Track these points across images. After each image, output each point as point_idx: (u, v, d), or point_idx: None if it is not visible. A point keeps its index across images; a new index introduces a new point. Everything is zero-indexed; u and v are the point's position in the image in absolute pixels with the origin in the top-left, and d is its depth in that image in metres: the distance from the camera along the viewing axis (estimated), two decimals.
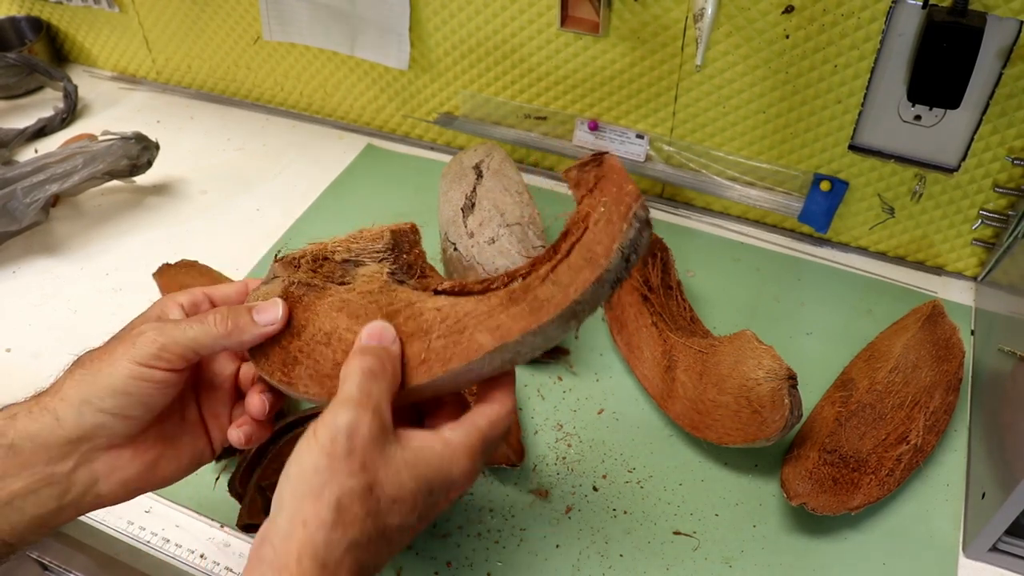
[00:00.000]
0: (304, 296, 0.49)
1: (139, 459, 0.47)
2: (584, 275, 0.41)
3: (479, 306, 0.44)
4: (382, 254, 0.49)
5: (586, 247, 0.42)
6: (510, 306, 0.43)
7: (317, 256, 0.49)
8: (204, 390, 0.51)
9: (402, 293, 0.48)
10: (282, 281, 0.49)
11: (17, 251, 0.90)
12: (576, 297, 0.41)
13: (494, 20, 0.89)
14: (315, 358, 0.46)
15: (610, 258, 0.40)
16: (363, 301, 0.48)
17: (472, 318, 0.44)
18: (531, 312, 0.42)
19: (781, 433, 0.60)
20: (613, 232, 0.41)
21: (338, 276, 0.49)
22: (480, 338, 0.42)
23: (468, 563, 0.61)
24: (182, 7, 1.07)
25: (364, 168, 1.02)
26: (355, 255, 0.49)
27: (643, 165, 0.92)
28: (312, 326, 0.47)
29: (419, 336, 0.45)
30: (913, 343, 0.69)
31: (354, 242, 0.49)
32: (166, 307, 0.49)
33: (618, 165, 0.44)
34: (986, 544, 0.60)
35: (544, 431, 0.70)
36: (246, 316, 0.47)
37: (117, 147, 0.91)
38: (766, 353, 0.64)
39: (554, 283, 0.42)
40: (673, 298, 0.78)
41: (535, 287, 0.43)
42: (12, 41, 1.18)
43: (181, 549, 0.63)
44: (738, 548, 0.62)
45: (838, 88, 0.77)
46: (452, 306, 0.45)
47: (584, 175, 0.46)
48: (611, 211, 0.42)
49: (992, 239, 0.81)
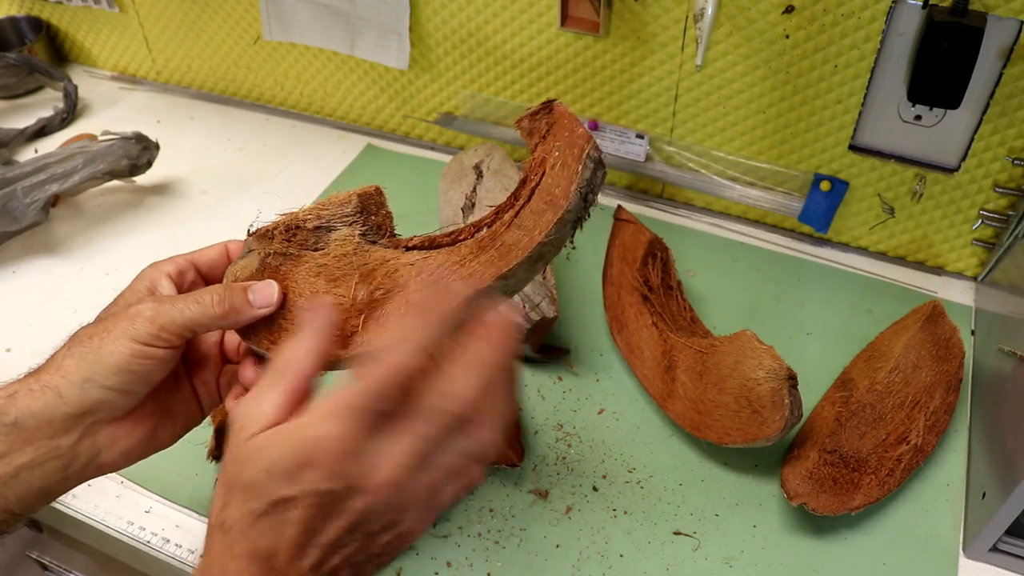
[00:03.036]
0: (281, 266, 0.50)
1: (139, 429, 0.49)
2: (547, 217, 0.44)
3: (450, 257, 0.46)
4: (351, 218, 0.51)
5: (546, 191, 0.45)
6: (480, 254, 0.46)
7: (289, 226, 0.51)
8: (192, 358, 0.53)
9: (375, 252, 0.49)
10: (258, 254, 0.51)
11: (17, 251, 0.90)
12: (541, 239, 0.44)
13: (494, 20, 0.89)
14: (300, 324, 0.47)
15: (569, 199, 0.44)
16: (339, 264, 0.49)
17: (445, 269, 0.46)
18: (500, 257, 0.45)
19: (781, 433, 0.60)
20: (570, 174, 0.44)
21: (311, 243, 0.51)
22: (455, 287, 0.44)
23: (468, 563, 0.61)
24: (182, 7, 1.07)
25: (364, 168, 1.02)
26: (326, 221, 0.51)
27: (643, 165, 0.92)
28: (292, 293, 0.49)
29: (396, 292, 0.47)
30: (913, 343, 0.69)
31: (323, 209, 0.51)
32: (155, 279, 0.50)
33: (567, 111, 0.47)
34: (986, 544, 0.60)
35: (544, 431, 0.70)
36: (242, 297, 0.48)
37: (117, 147, 0.91)
38: (766, 353, 0.64)
39: (519, 227, 0.45)
40: (673, 298, 0.78)
41: (501, 233, 0.46)
42: (12, 41, 1.18)
43: (181, 549, 0.63)
44: (738, 548, 0.62)
45: (838, 88, 0.77)
46: (424, 260, 0.47)
47: (536, 123, 0.49)
48: (566, 154, 0.45)
49: (992, 239, 0.81)
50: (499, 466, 0.66)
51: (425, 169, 1.00)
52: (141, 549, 0.63)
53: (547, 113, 0.49)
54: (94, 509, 0.66)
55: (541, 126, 0.49)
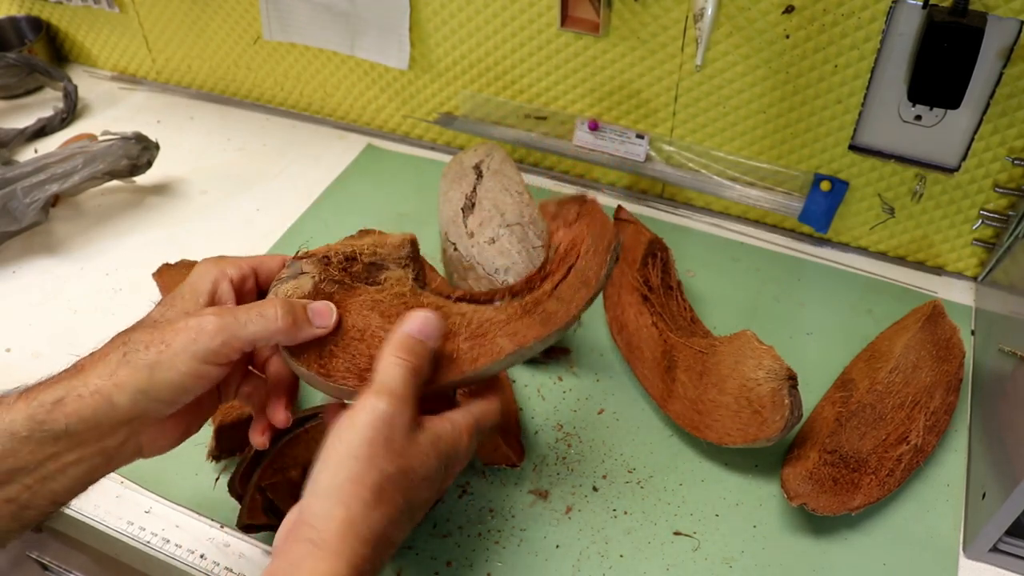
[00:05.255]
0: (335, 293, 0.52)
1: (177, 428, 0.51)
2: (581, 294, 0.53)
3: (498, 315, 0.53)
4: (405, 260, 0.55)
5: (581, 272, 0.54)
6: (524, 316, 0.52)
7: (349, 255, 0.53)
8: None
9: (427, 298, 0.54)
10: (311, 277, 0.52)
11: (17, 251, 0.90)
12: (576, 312, 0.52)
13: (494, 20, 0.89)
14: (351, 353, 0.50)
15: (599, 281, 0.53)
16: (395, 302, 0.52)
17: (493, 324, 0.52)
18: (542, 323, 0.52)
19: (781, 433, 0.60)
20: (600, 261, 0.54)
21: (364, 277, 0.53)
22: (501, 342, 0.51)
23: (468, 563, 0.61)
24: (182, 7, 1.07)
25: (364, 168, 1.02)
26: (381, 259, 0.54)
27: (643, 165, 0.92)
28: (346, 322, 0.51)
29: (449, 337, 0.51)
30: (913, 343, 0.69)
31: (379, 247, 0.54)
32: (217, 282, 0.50)
33: (599, 205, 0.57)
34: (986, 544, 0.60)
35: (544, 431, 0.70)
36: (302, 313, 0.49)
37: (117, 147, 0.91)
38: (766, 353, 0.64)
39: (559, 299, 0.53)
40: (673, 298, 0.78)
41: (543, 301, 0.53)
42: (12, 41, 1.18)
43: (181, 549, 0.63)
44: (738, 548, 0.62)
45: (838, 88, 0.77)
46: (474, 312, 0.53)
47: (564, 210, 0.57)
48: (598, 244, 0.54)
49: (992, 239, 0.81)
50: (499, 466, 0.66)
51: (425, 169, 1.00)
52: (141, 549, 0.63)
53: (579, 204, 0.57)
54: (94, 509, 0.66)
55: (570, 214, 0.57)
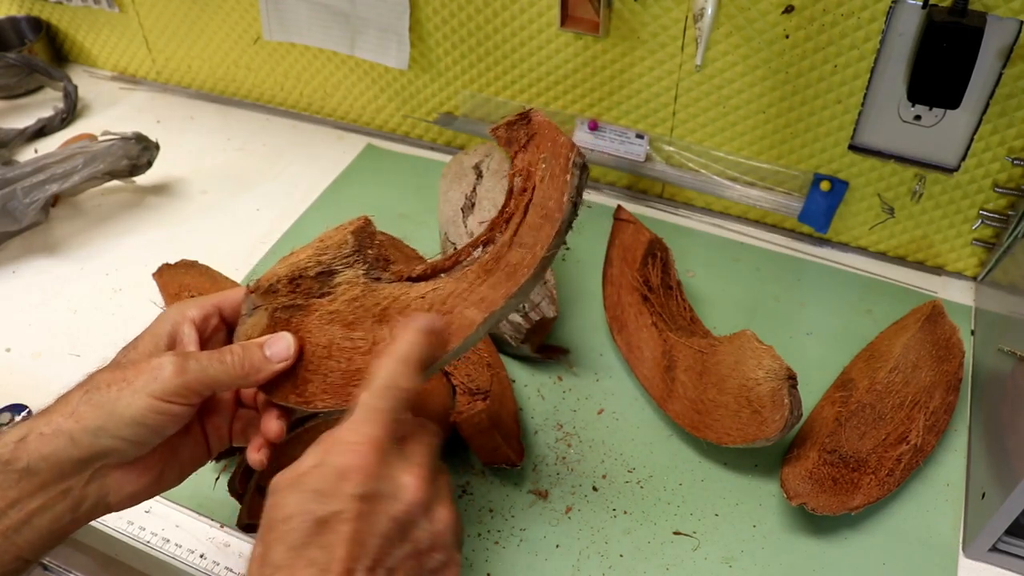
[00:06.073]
0: (292, 318, 0.50)
1: (146, 474, 0.48)
2: (545, 231, 0.46)
3: (459, 285, 0.48)
4: (352, 258, 0.50)
5: (540, 205, 0.47)
6: (487, 277, 0.47)
7: (292, 277, 0.50)
8: (206, 403, 0.52)
9: (384, 290, 0.50)
10: (265, 310, 0.50)
11: (17, 251, 0.90)
12: (543, 254, 0.46)
13: (494, 20, 0.89)
14: (323, 372, 0.48)
15: (563, 211, 0.46)
16: (350, 309, 0.49)
17: (456, 297, 0.47)
18: (508, 277, 0.47)
19: (781, 433, 0.60)
20: (560, 185, 0.46)
21: (317, 290, 0.50)
22: (469, 314, 0.47)
23: (468, 563, 0.61)
24: (182, 7, 1.07)
25: (364, 168, 1.02)
26: (327, 266, 0.50)
27: (643, 165, 0.92)
28: (309, 343, 0.49)
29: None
30: (913, 343, 0.69)
31: (322, 253, 0.50)
32: (177, 324, 0.49)
33: (547, 120, 0.48)
34: (986, 544, 0.60)
35: (544, 431, 0.70)
36: (259, 354, 0.48)
37: (117, 147, 0.91)
38: (766, 353, 0.64)
39: (520, 245, 0.47)
40: (673, 298, 0.78)
41: (504, 254, 0.47)
42: (12, 41, 1.18)
43: (181, 549, 0.63)
44: (738, 548, 0.62)
45: (838, 88, 0.77)
46: (434, 291, 0.48)
47: (514, 133, 0.50)
48: (552, 166, 0.47)
49: (992, 239, 0.81)
50: (499, 466, 0.66)
51: (425, 169, 1.00)
52: (141, 549, 0.63)
53: (526, 123, 0.49)
54: None
55: (520, 135, 0.49)
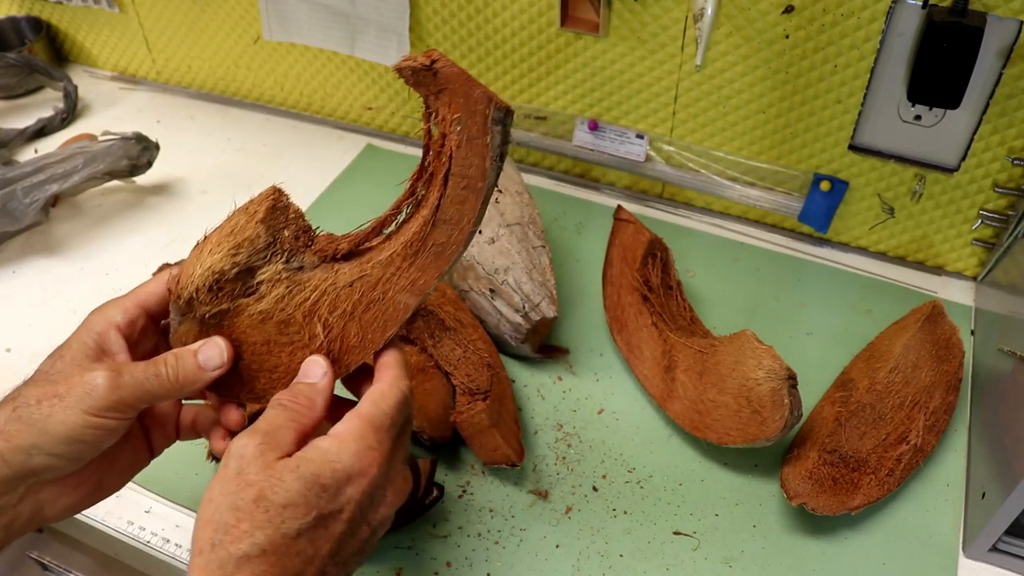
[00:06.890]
0: (223, 321, 0.48)
1: (83, 486, 0.47)
2: (470, 203, 0.43)
3: (386, 271, 0.46)
4: (267, 251, 0.47)
5: (459, 176, 0.43)
6: (414, 259, 0.45)
7: (211, 286, 0.47)
8: (146, 408, 0.50)
9: (308, 282, 0.47)
10: (193, 318, 0.48)
11: (17, 251, 0.90)
12: (471, 228, 0.44)
13: (494, 20, 0.89)
14: (267, 369, 0.48)
15: (487, 177, 0.42)
16: (279, 307, 0.47)
17: (385, 283, 0.46)
18: (437, 257, 0.45)
19: (781, 433, 0.60)
20: (479, 149, 0.41)
21: (241, 289, 0.47)
22: (402, 298, 0.46)
23: (468, 563, 0.61)
24: (182, 7, 1.07)
25: (364, 168, 1.02)
26: (244, 265, 0.47)
27: (643, 165, 0.92)
28: (246, 343, 0.48)
29: (348, 320, 0.47)
30: (913, 343, 0.69)
31: (236, 252, 0.47)
32: (103, 334, 0.47)
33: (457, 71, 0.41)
34: (986, 544, 0.60)
35: (544, 431, 0.70)
36: (193, 363, 0.46)
37: (117, 147, 0.91)
38: (766, 353, 0.64)
39: (445, 223, 0.44)
40: (673, 298, 0.78)
41: (429, 233, 0.45)
42: (12, 41, 1.18)
43: (181, 549, 0.63)
44: (738, 548, 0.62)
45: (838, 88, 0.77)
46: (361, 279, 0.47)
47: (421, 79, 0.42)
48: (469, 127, 0.41)
49: (992, 239, 0.81)
50: (499, 466, 0.66)
51: None
52: (141, 549, 0.63)
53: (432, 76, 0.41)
54: (94, 509, 0.65)
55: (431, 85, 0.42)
